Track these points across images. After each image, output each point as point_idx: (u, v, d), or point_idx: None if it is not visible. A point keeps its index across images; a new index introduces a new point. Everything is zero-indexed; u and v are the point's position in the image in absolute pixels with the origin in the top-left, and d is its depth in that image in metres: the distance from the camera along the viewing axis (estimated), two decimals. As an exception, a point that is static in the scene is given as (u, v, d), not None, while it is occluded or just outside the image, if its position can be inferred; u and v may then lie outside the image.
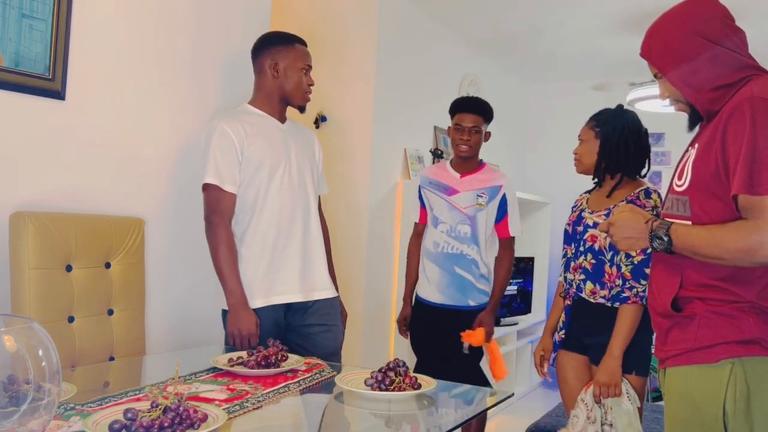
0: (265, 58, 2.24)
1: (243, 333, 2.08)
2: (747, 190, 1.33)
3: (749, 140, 1.33)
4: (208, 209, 2.17)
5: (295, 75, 2.24)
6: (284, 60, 2.23)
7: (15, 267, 1.87)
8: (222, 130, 2.15)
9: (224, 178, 2.14)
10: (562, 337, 2.31)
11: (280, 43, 2.25)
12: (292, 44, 2.26)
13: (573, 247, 2.28)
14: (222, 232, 2.13)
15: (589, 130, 2.31)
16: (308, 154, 2.33)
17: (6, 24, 1.90)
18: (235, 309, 2.10)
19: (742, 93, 1.40)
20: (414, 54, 4.16)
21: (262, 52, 2.25)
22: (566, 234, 2.34)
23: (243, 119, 2.20)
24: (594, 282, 2.20)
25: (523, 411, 4.47)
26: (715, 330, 1.42)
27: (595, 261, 2.21)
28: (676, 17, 1.52)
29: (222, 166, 2.13)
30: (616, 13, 4.09)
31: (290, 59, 2.23)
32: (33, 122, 2.00)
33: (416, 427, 1.62)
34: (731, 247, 1.34)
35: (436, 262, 2.87)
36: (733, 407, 1.39)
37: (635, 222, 1.51)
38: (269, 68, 2.23)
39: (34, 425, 1.03)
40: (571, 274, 2.27)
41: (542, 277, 5.36)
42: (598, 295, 2.20)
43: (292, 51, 2.25)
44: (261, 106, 2.26)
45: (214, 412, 1.33)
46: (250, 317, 2.09)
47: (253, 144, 2.17)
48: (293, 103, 2.28)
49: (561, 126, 5.78)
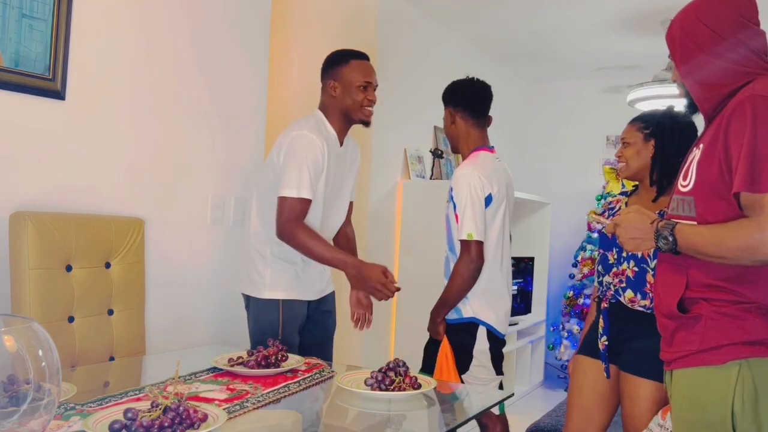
0: (326, 80, 2.30)
1: (377, 285, 2.13)
2: (748, 187, 1.32)
3: (750, 138, 1.33)
4: (290, 216, 2.16)
5: (352, 93, 2.27)
6: (340, 79, 2.27)
7: (15, 267, 1.87)
8: (318, 147, 2.19)
9: (308, 189, 2.18)
10: (605, 344, 2.13)
11: (337, 62, 2.30)
12: (348, 61, 2.29)
13: (615, 252, 2.16)
14: (304, 233, 2.16)
15: (636, 132, 2.17)
16: (353, 172, 2.46)
17: (6, 24, 1.90)
18: (360, 272, 2.16)
19: (743, 92, 1.41)
20: (414, 54, 4.16)
21: (324, 74, 2.32)
22: (604, 238, 2.21)
23: (326, 138, 2.25)
24: (635, 290, 2.10)
25: (523, 411, 4.47)
26: (721, 331, 1.41)
27: (638, 269, 2.10)
28: (695, 4, 1.53)
29: (308, 180, 2.16)
30: (616, 13, 4.09)
31: (346, 78, 2.27)
32: (33, 122, 2.00)
33: (416, 427, 1.62)
34: (733, 246, 1.34)
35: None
36: (741, 408, 1.38)
37: (641, 222, 1.51)
38: (330, 88, 2.29)
39: (34, 425, 1.03)
40: (611, 278, 2.16)
41: (542, 277, 5.36)
42: (638, 304, 2.09)
43: (347, 69, 2.27)
44: (333, 122, 2.31)
45: (214, 412, 1.33)
46: (374, 270, 2.13)
47: (329, 172, 2.26)
48: (353, 119, 2.32)
49: (561, 126, 5.79)
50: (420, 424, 1.62)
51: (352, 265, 2.17)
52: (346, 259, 2.19)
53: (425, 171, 4.27)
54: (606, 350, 2.13)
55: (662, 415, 1.94)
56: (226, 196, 2.65)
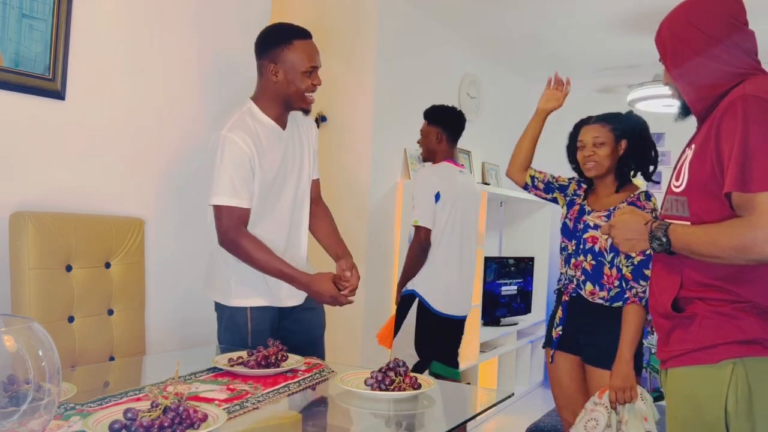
0: (265, 61, 2.09)
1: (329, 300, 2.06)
2: (739, 187, 1.33)
3: (741, 137, 1.33)
4: (226, 227, 2.04)
5: (296, 78, 2.08)
6: (284, 63, 2.07)
7: (15, 267, 1.87)
8: (234, 143, 2.01)
9: (242, 195, 2.03)
10: (559, 333, 2.29)
11: (278, 43, 2.08)
12: (290, 41, 2.07)
13: (573, 243, 2.27)
14: (247, 242, 2.04)
15: (608, 132, 2.26)
16: (307, 151, 2.26)
17: (6, 24, 1.90)
18: (309, 288, 2.06)
19: (735, 92, 1.41)
20: (414, 54, 4.16)
21: (262, 53, 2.12)
22: (566, 228, 2.32)
23: (251, 129, 2.07)
24: (594, 283, 2.21)
25: (523, 411, 4.47)
26: (716, 330, 1.42)
27: (595, 262, 2.21)
28: (683, 8, 1.54)
29: (238, 184, 2.02)
30: (616, 13, 4.09)
31: (290, 62, 2.07)
32: (33, 122, 2.00)
33: (416, 427, 1.62)
34: (726, 245, 1.34)
35: None
36: (734, 407, 1.38)
37: (635, 224, 1.52)
38: (270, 72, 2.08)
39: (34, 425, 1.03)
40: (572, 270, 2.27)
41: (542, 277, 5.36)
42: (597, 296, 2.20)
43: (292, 51, 2.07)
44: (266, 110, 2.13)
45: (214, 412, 1.33)
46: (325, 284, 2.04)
47: (263, 160, 2.08)
48: (296, 106, 2.15)
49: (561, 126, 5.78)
50: (420, 424, 1.62)
51: (299, 281, 2.05)
52: (293, 273, 2.04)
53: (425, 171, 4.27)
54: (558, 339, 2.30)
55: (599, 394, 2.12)
56: (226, 196, 2.65)
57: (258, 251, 2.03)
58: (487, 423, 4.24)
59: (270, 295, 2.14)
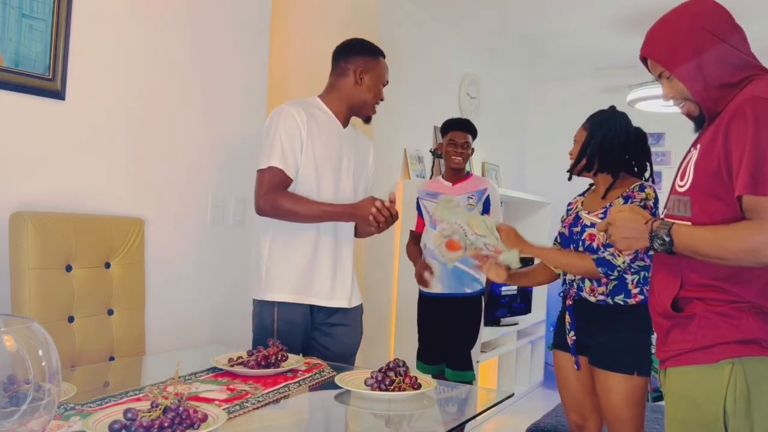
0: (351, 64, 2.25)
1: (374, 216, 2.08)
2: (751, 190, 1.33)
3: (752, 141, 1.33)
4: (267, 188, 2.09)
5: (376, 88, 2.27)
6: (370, 71, 2.26)
7: (15, 267, 1.87)
8: (290, 115, 2.13)
9: (289, 164, 2.11)
10: (573, 339, 2.25)
11: (368, 53, 2.28)
12: (378, 57, 2.30)
13: (572, 248, 2.27)
14: (285, 198, 2.09)
15: (583, 131, 2.33)
16: (361, 163, 2.35)
17: (6, 24, 1.90)
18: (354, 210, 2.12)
19: (743, 93, 1.41)
20: (414, 54, 4.16)
21: (350, 57, 2.26)
22: (563, 237, 2.33)
23: (311, 111, 2.19)
24: (592, 280, 2.20)
25: (523, 411, 4.47)
26: (715, 330, 1.42)
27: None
28: (681, 15, 1.53)
29: (288, 152, 2.11)
30: (616, 13, 4.09)
31: (376, 72, 2.27)
32: (33, 122, 2.00)
33: (416, 427, 1.62)
34: (735, 248, 1.34)
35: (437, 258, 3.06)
36: (733, 407, 1.39)
37: (634, 222, 1.51)
38: (354, 74, 2.24)
39: (34, 425, 1.03)
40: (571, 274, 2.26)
41: (542, 277, 5.35)
42: (597, 293, 2.19)
43: (378, 64, 2.28)
44: (331, 105, 2.26)
45: (214, 412, 1.33)
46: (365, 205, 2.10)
47: (314, 139, 2.16)
48: (363, 112, 2.29)
49: (561, 126, 5.78)
50: (420, 424, 1.62)
51: (344, 212, 2.13)
52: (336, 209, 2.12)
53: (425, 171, 4.27)
54: (575, 344, 2.26)
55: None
56: (226, 196, 2.65)
57: (297, 203, 2.10)
58: (487, 423, 4.24)
59: (302, 291, 2.17)
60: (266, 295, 2.17)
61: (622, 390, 2.12)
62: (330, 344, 2.24)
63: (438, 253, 2.21)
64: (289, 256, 2.18)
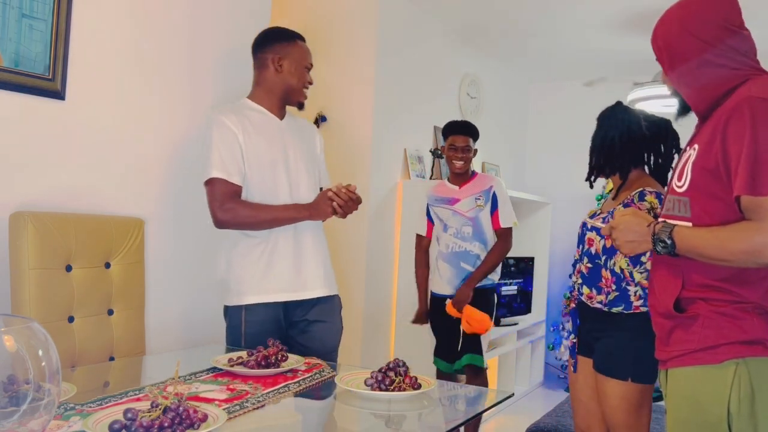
0: (268, 54, 2.22)
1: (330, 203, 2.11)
2: (749, 191, 1.33)
3: (750, 141, 1.33)
4: (220, 200, 2.09)
5: (298, 72, 2.24)
6: (288, 56, 2.22)
7: (15, 267, 1.87)
8: (222, 123, 2.13)
9: (231, 170, 2.11)
10: (573, 341, 2.24)
11: (283, 39, 2.25)
12: (295, 41, 2.27)
13: (579, 249, 2.24)
14: (243, 206, 2.10)
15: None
16: (308, 150, 2.31)
17: (6, 24, 1.90)
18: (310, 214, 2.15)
19: (739, 93, 1.41)
20: (414, 54, 4.16)
21: (266, 48, 2.24)
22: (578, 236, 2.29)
23: (243, 113, 2.19)
24: (590, 287, 2.16)
25: (523, 411, 4.47)
26: (719, 330, 1.42)
27: (591, 265, 2.16)
28: (676, 14, 1.53)
29: (227, 159, 2.11)
30: (616, 13, 4.09)
31: (294, 56, 2.24)
32: (33, 122, 2.00)
33: (416, 427, 1.62)
34: (736, 249, 1.34)
35: (448, 261, 3.29)
36: (737, 408, 1.38)
37: (637, 225, 1.51)
38: (272, 63, 2.21)
39: (34, 425, 1.03)
40: (575, 276, 2.23)
41: (542, 277, 5.36)
42: (595, 300, 2.15)
43: (296, 48, 2.25)
44: (261, 102, 2.25)
45: (214, 412, 1.33)
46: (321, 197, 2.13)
47: (253, 141, 2.16)
48: (293, 99, 2.27)
49: (561, 126, 5.78)
50: (420, 424, 1.62)
51: (304, 208, 2.15)
52: (295, 215, 2.13)
53: (425, 171, 4.27)
54: (574, 347, 2.26)
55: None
56: (226, 196, 2.65)
57: (256, 210, 2.11)
58: (487, 423, 4.24)
59: (266, 290, 2.15)
60: (233, 300, 2.18)
61: (616, 395, 2.06)
62: (308, 342, 2.22)
63: None
64: (248, 256, 2.17)
